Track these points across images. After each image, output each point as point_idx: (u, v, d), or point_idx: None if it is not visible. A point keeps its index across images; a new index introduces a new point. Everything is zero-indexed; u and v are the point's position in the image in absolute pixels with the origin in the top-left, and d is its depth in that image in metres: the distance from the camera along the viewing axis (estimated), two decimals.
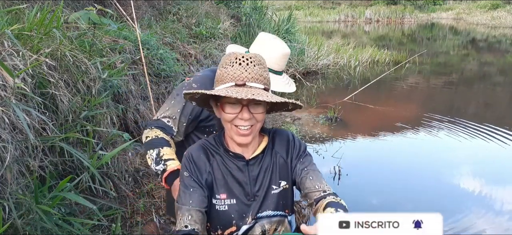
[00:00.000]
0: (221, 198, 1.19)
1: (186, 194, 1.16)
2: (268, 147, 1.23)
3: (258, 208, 1.20)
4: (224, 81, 1.07)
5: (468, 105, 6.72)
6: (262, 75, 1.08)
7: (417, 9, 28.95)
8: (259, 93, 1.01)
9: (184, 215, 1.13)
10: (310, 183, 1.18)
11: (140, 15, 4.52)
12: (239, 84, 1.05)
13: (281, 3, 18.51)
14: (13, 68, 1.65)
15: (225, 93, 0.99)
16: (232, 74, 1.05)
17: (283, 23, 7.80)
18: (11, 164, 1.46)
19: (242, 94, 0.99)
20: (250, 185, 1.20)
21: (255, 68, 1.06)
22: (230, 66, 1.06)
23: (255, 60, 1.07)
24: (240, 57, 1.06)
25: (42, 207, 1.50)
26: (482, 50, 13.73)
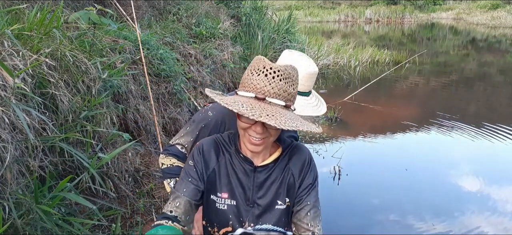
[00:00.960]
0: (222, 196, 1.20)
1: (183, 182, 1.18)
2: (281, 160, 1.21)
3: (257, 217, 1.19)
4: (246, 88, 1.06)
5: (468, 105, 6.72)
6: (286, 91, 1.05)
7: (417, 9, 28.95)
8: (274, 115, 0.98)
9: (174, 201, 1.16)
10: (305, 219, 1.17)
11: (140, 15, 4.52)
12: (259, 98, 1.03)
13: (281, 3, 18.51)
14: (13, 68, 1.65)
15: (238, 109, 0.97)
16: (255, 85, 1.03)
17: (283, 23, 7.80)
18: (11, 164, 1.46)
19: (256, 112, 0.96)
20: (253, 191, 1.19)
21: (280, 83, 1.03)
22: (256, 74, 1.04)
23: (282, 74, 1.04)
24: (268, 67, 1.04)
25: (42, 207, 1.50)
26: (482, 50, 13.73)
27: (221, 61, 4.98)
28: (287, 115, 1.03)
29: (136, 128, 3.15)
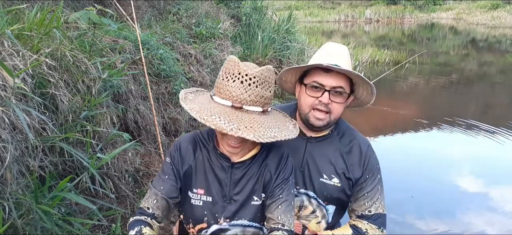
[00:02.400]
0: (198, 192, 1.20)
1: (160, 180, 1.20)
2: (259, 156, 1.21)
3: (233, 213, 1.20)
4: (222, 95, 1.04)
5: (468, 105, 6.72)
6: (263, 96, 1.04)
7: (417, 9, 28.95)
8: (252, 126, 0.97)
9: (151, 198, 1.18)
10: (276, 212, 1.17)
11: (140, 15, 4.52)
12: (236, 106, 1.01)
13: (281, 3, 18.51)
14: (13, 68, 1.65)
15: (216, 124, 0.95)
16: (231, 92, 1.01)
17: (283, 23, 7.80)
18: (11, 164, 1.46)
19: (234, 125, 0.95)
20: (230, 187, 1.19)
21: (256, 89, 1.01)
22: (231, 80, 1.02)
23: (258, 80, 1.02)
24: (244, 74, 1.01)
25: (42, 207, 1.50)
26: (482, 50, 13.72)
27: (221, 61, 4.97)
28: (265, 123, 1.02)
29: (136, 128, 3.15)
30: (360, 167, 1.34)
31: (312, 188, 1.35)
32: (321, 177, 1.34)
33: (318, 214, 1.38)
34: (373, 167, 1.36)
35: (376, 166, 1.37)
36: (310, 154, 1.35)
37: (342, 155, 1.35)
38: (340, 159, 1.34)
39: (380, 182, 1.38)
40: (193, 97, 1.14)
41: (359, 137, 1.41)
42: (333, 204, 1.37)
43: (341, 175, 1.33)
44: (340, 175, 1.33)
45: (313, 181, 1.34)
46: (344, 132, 1.40)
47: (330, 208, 1.38)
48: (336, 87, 1.24)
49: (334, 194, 1.34)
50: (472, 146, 4.50)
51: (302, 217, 1.39)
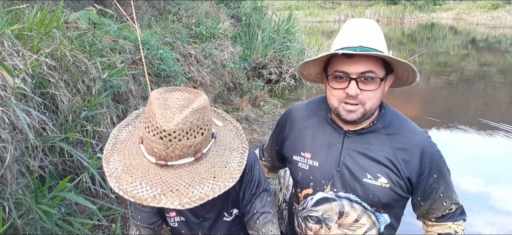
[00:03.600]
0: (171, 215, 1.15)
1: (136, 209, 1.14)
2: None
3: (208, 228, 1.17)
4: (145, 147, 0.89)
5: (468, 104, 6.72)
6: (191, 146, 0.86)
7: (417, 9, 28.94)
8: (178, 189, 0.83)
9: (133, 230, 1.14)
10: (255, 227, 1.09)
11: (140, 15, 4.52)
12: (160, 164, 0.87)
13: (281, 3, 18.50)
14: (13, 68, 1.65)
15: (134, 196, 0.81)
16: (152, 148, 0.86)
17: (283, 23, 7.80)
18: (11, 164, 1.46)
19: (157, 190, 0.81)
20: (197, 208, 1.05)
21: (179, 143, 0.84)
22: (152, 133, 0.85)
23: (180, 132, 0.83)
24: (161, 129, 0.83)
25: (42, 207, 1.50)
26: (482, 50, 13.72)
27: (221, 61, 4.98)
28: (196, 177, 0.86)
29: None
30: (419, 165, 1.11)
31: (354, 191, 1.13)
32: (364, 177, 1.12)
33: (365, 221, 1.16)
34: (439, 162, 1.14)
35: (441, 160, 1.15)
36: (349, 151, 1.14)
37: (391, 150, 1.12)
38: (389, 155, 1.11)
39: (449, 175, 1.18)
40: (128, 134, 0.99)
41: (413, 128, 1.17)
42: (385, 210, 1.15)
43: (390, 174, 1.11)
44: (389, 175, 1.11)
45: (355, 183, 1.13)
46: (392, 122, 1.16)
47: (384, 217, 1.17)
48: (365, 72, 1.03)
49: (383, 198, 1.11)
50: (472, 146, 4.50)
51: (344, 226, 1.18)
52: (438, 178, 1.14)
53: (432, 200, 1.16)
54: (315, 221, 1.21)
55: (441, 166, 1.15)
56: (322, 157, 1.17)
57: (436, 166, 1.13)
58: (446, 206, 1.17)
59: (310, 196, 1.20)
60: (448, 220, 1.19)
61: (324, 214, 1.19)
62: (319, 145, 1.18)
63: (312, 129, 1.21)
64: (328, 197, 1.17)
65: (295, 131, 1.24)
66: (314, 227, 1.22)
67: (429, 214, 1.20)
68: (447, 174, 1.17)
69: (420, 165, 1.11)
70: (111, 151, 0.94)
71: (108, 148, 0.94)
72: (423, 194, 1.15)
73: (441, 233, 1.20)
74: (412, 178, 1.12)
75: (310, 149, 1.20)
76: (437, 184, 1.14)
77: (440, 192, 1.15)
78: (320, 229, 1.21)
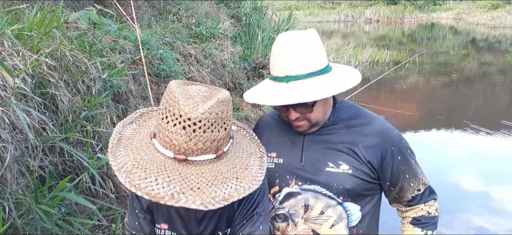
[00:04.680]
0: (162, 228, 1.06)
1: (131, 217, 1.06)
2: None
3: None
4: (163, 142, 0.81)
5: (468, 104, 6.72)
6: (214, 140, 0.80)
7: (417, 9, 28.94)
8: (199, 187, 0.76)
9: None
10: None
11: (140, 15, 4.52)
12: (179, 159, 0.79)
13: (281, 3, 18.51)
14: (13, 68, 1.65)
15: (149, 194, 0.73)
16: (172, 140, 0.78)
17: (283, 23, 7.81)
18: (11, 164, 1.46)
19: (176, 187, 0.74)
20: (193, 225, 1.04)
21: (204, 135, 0.78)
22: (172, 123, 0.78)
23: (206, 122, 0.78)
24: (186, 117, 0.77)
25: (42, 207, 1.50)
26: (482, 50, 13.72)
27: (221, 61, 4.97)
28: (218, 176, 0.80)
29: None
30: (380, 150, 1.14)
31: (318, 182, 1.15)
32: (326, 166, 1.14)
33: (331, 214, 1.16)
34: (400, 144, 1.17)
35: (402, 142, 1.18)
36: (310, 145, 1.18)
37: (350, 137, 1.16)
38: (348, 143, 1.15)
39: (413, 155, 1.21)
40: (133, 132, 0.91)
41: (370, 115, 1.22)
42: (352, 200, 1.16)
43: (351, 160, 1.14)
44: (350, 161, 1.14)
45: (318, 173, 1.15)
46: (347, 113, 1.20)
47: (351, 208, 1.16)
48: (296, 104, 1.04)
49: (347, 184, 1.13)
50: (472, 146, 4.50)
51: (310, 220, 1.18)
52: (402, 160, 1.17)
53: (401, 183, 1.19)
54: (282, 219, 1.22)
55: (402, 148, 1.18)
56: (286, 154, 1.21)
57: (398, 149, 1.17)
58: (414, 187, 1.20)
59: (277, 194, 1.22)
60: (419, 202, 1.22)
61: (290, 210, 1.20)
62: (284, 143, 1.23)
63: (277, 130, 1.27)
64: (293, 191, 1.19)
65: (264, 135, 1.28)
66: (281, 226, 1.22)
67: (400, 198, 1.23)
68: (410, 155, 1.20)
69: (381, 149, 1.15)
70: (116, 145, 0.85)
71: (113, 142, 0.85)
72: (391, 178, 1.18)
73: (415, 217, 1.23)
74: (373, 163, 1.14)
75: (276, 148, 1.24)
76: (403, 166, 1.17)
77: (406, 173, 1.18)
78: (287, 227, 1.20)
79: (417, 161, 1.22)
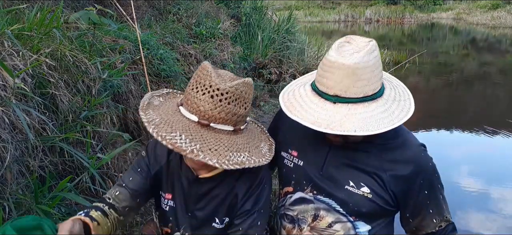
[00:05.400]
0: (166, 197, 1.14)
1: (130, 172, 1.14)
2: (230, 176, 1.07)
3: (194, 228, 1.12)
4: (189, 108, 0.92)
5: (468, 104, 6.72)
6: (235, 114, 0.92)
7: (417, 9, 28.94)
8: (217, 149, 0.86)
9: (114, 189, 1.12)
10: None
11: (140, 15, 4.52)
12: (202, 123, 0.90)
13: (281, 3, 18.52)
14: (13, 68, 1.65)
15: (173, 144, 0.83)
16: (199, 106, 0.90)
17: (283, 23, 7.80)
18: (11, 164, 1.46)
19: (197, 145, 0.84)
20: (192, 200, 1.10)
21: (228, 106, 0.90)
22: (201, 92, 0.90)
23: (232, 95, 0.90)
24: (215, 87, 0.89)
25: (42, 207, 1.50)
26: (482, 50, 13.72)
27: (221, 61, 4.97)
28: (234, 145, 0.90)
29: (136, 128, 3.15)
30: (409, 180, 1.06)
31: (334, 197, 1.10)
32: (346, 185, 1.08)
33: (339, 229, 1.11)
34: (431, 177, 1.09)
35: (434, 175, 1.10)
36: (335, 156, 1.11)
37: (379, 162, 1.07)
38: (375, 167, 1.07)
39: (442, 190, 1.12)
40: (160, 103, 1.03)
41: (409, 140, 1.12)
42: (366, 221, 1.10)
43: (374, 185, 1.06)
44: (373, 186, 1.07)
45: (336, 189, 1.09)
46: (385, 134, 1.04)
47: (361, 227, 1.11)
48: None
49: (364, 208, 1.07)
50: (472, 146, 4.50)
51: (316, 230, 1.14)
52: (429, 194, 1.09)
53: (422, 217, 1.11)
54: (289, 220, 1.19)
55: (434, 182, 1.10)
56: (307, 158, 1.16)
57: (428, 182, 1.08)
58: (436, 223, 1.11)
59: (290, 194, 1.19)
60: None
61: (299, 215, 1.17)
62: (307, 145, 1.17)
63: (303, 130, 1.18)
64: (306, 198, 1.15)
65: (287, 125, 1.22)
66: (288, 226, 1.20)
67: (418, 230, 1.14)
68: (439, 190, 1.11)
69: (409, 179, 1.06)
70: (146, 107, 0.97)
71: (143, 104, 0.97)
72: (413, 210, 1.10)
73: None
74: (397, 193, 1.07)
75: (298, 147, 1.19)
76: (428, 200, 1.09)
77: (430, 208, 1.10)
78: (293, 229, 1.18)
79: (445, 196, 1.13)
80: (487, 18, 23.38)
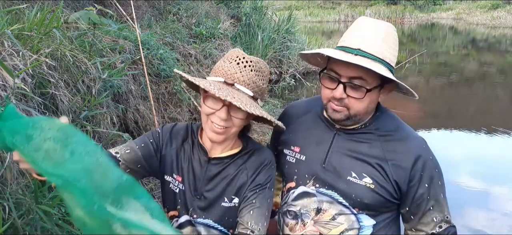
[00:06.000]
0: (177, 179, 1.19)
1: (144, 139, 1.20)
2: (239, 158, 1.16)
3: (202, 209, 1.16)
4: (216, 74, 1.08)
5: (467, 104, 6.72)
6: (255, 82, 1.06)
7: (417, 9, 28.95)
8: (241, 99, 0.99)
9: (125, 146, 1.16)
10: (246, 217, 1.09)
11: (140, 15, 4.52)
12: (228, 83, 1.04)
13: (281, 3, 18.52)
14: (13, 68, 1.65)
15: (205, 85, 0.99)
16: (225, 70, 1.05)
17: (283, 23, 7.80)
18: (11, 164, 1.46)
19: (223, 93, 0.97)
20: (202, 182, 1.16)
21: (250, 72, 1.05)
22: (229, 62, 1.06)
23: (254, 66, 1.06)
24: (242, 57, 1.06)
25: (42, 207, 1.50)
26: (482, 50, 13.72)
27: None
28: (254, 104, 1.04)
29: (136, 128, 3.15)
30: (410, 171, 1.07)
31: (336, 189, 1.11)
32: (348, 175, 1.09)
33: (342, 221, 1.11)
34: (432, 171, 1.09)
35: (435, 170, 1.11)
36: (338, 148, 1.13)
37: (382, 152, 1.09)
38: (378, 157, 1.09)
39: (443, 188, 1.11)
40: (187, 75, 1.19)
41: (409, 133, 1.15)
42: (369, 213, 1.11)
43: (376, 175, 1.08)
44: (375, 176, 1.08)
45: (338, 181, 1.10)
46: (387, 124, 1.14)
47: (365, 220, 1.11)
48: (354, 78, 1.02)
49: (366, 198, 1.08)
50: (472, 146, 4.50)
51: (320, 223, 1.14)
52: (429, 188, 1.08)
53: (422, 213, 1.10)
54: (292, 216, 1.20)
55: (435, 177, 1.10)
56: (310, 151, 1.18)
57: (428, 175, 1.08)
58: (436, 222, 1.09)
59: (292, 190, 1.20)
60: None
61: (301, 209, 1.17)
62: (309, 140, 1.19)
63: (306, 124, 1.22)
64: (309, 191, 1.16)
65: (290, 125, 1.24)
66: (290, 223, 1.20)
67: (418, 231, 1.12)
68: (440, 188, 1.11)
69: (410, 171, 1.07)
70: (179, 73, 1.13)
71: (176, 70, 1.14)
72: (412, 204, 1.10)
73: None
74: (400, 183, 1.08)
75: (300, 143, 1.21)
76: (428, 195, 1.08)
77: (430, 204, 1.08)
78: (296, 225, 1.18)
79: (446, 197, 1.12)
80: (487, 18, 23.38)
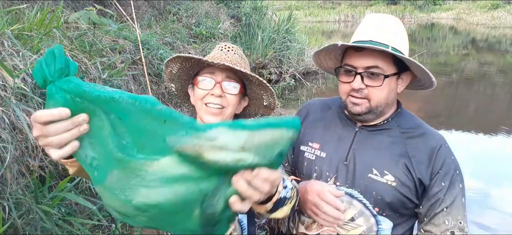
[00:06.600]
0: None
1: None
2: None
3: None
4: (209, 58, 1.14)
5: (467, 104, 6.72)
6: (239, 63, 1.12)
7: (417, 9, 28.97)
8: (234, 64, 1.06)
9: None
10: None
11: (140, 15, 4.52)
12: None
13: (281, 3, 18.52)
14: (13, 68, 1.65)
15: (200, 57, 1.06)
16: (212, 56, 1.11)
17: (283, 23, 7.80)
18: (11, 164, 1.46)
19: (217, 60, 1.04)
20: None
21: (234, 55, 1.12)
22: (213, 52, 1.14)
23: (237, 51, 1.15)
24: (224, 46, 1.15)
25: (42, 207, 1.50)
26: (482, 50, 13.73)
27: None
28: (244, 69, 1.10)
29: None
30: (429, 168, 1.05)
31: (357, 186, 1.07)
32: (369, 173, 1.06)
33: (361, 223, 1.07)
34: (451, 172, 1.06)
35: (455, 171, 1.07)
36: (359, 145, 1.11)
37: (404, 148, 1.07)
38: (401, 153, 1.06)
39: (462, 193, 1.06)
40: None
41: (431, 131, 1.14)
42: (388, 215, 1.06)
43: (398, 173, 1.04)
44: (397, 173, 1.04)
45: (359, 178, 1.07)
46: (408, 122, 1.14)
47: (384, 222, 1.06)
48: (370, 67, 1.02)
49: (388, 197, 1.03)
50: (472, 146, 4.50)
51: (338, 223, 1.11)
52: (446, 188, 1.04)
53: (434, 214, 1.05)
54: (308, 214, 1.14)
55: (453, 177, 1.06)
56: (330, 149, 1.15)
57: (447, 174, 1.05)
58: (448, 226, 1.03)
59: None
60: None
61: None
62: (330, 137, 1.17)
63: (326, 121, 1.21)
64: None
65: (307, 121, 1.24)
66: (307, 221, 1.16)
67: (427, 231, 1.07)
68: (459, 191, 1.06)
69: (432, 167, 1.05)
70: None
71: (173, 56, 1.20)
72: (426, 202, 1.06)
73: None
74: (423, 180, 1.04)
75: (320, 140, 1.18)
76: (444, 195, 1.04)
77: (444, 205, 1.04)
78: (312, 224, 1.15)
79: (464, 203, 1.07)
80: (487, 18, 23.39)
